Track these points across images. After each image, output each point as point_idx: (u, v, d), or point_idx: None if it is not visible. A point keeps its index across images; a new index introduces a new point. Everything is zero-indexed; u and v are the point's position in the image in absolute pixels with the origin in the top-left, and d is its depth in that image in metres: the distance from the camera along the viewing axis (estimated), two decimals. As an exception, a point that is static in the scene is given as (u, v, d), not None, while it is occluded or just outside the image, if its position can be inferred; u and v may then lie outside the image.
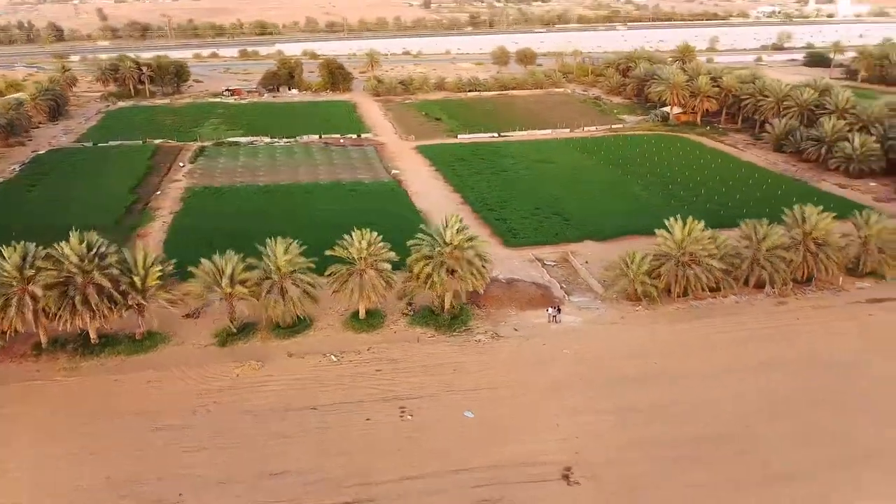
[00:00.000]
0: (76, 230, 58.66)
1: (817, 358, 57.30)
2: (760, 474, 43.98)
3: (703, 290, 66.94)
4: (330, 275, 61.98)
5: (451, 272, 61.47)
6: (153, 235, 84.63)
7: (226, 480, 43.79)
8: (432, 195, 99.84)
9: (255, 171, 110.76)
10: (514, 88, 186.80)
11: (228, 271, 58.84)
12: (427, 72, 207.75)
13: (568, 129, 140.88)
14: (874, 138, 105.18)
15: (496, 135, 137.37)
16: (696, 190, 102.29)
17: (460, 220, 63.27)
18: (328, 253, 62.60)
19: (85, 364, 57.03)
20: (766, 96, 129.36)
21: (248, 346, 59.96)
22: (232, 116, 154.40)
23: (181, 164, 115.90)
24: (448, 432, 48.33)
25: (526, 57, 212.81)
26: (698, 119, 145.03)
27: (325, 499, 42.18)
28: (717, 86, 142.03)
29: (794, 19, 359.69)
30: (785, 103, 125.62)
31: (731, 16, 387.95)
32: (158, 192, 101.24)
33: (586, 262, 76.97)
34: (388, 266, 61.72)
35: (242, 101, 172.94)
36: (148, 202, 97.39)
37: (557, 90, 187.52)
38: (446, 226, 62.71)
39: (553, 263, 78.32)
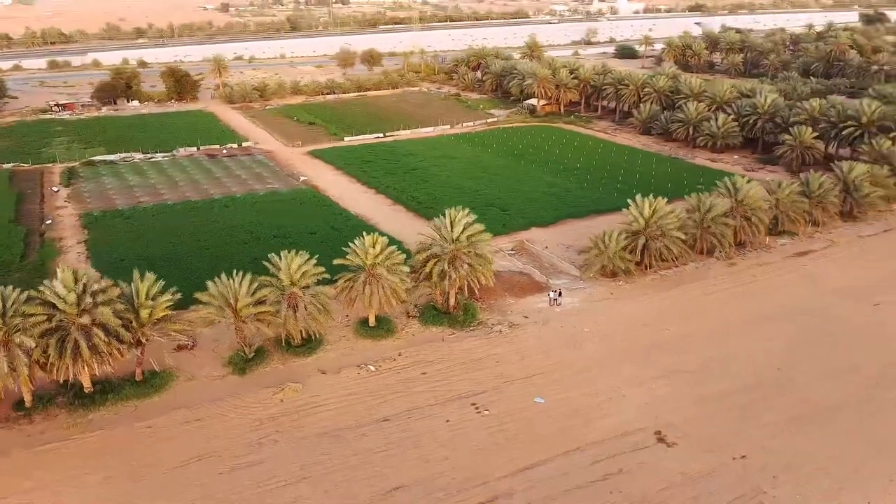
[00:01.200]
0: (63, 266, 51.00)
1: (792, 306, 65.66)
2: (812, 408, 50.15)
3: (673, 260, 73.45)
4: (348, 282, 59.56)
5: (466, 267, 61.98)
6: (75, 268, 74.83)
7: (328, 499, 41.32)
8: (359, 199, 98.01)
9: (154, 190, 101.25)
10: (370, 89, 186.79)
11: (244, 291, 54.44)
12: (270, 76, 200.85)
13: (449, 126, 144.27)
14: (732, 117, 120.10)
15: (382, 135, 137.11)
16: (598, 173, 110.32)
17: (467, 215, 63.61)
18: (337, 262, 60.29)
19: (93, 417, 50.02)
20: (627, 85, 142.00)
21: (269, 370, 56.00)
22: (78, 133, 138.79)
23: (54, 189, 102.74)
24: (532, 420, 49.23)
25: (372, 58, 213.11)
26: (561, 109, 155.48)
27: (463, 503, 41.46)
28: (576, 77, 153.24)
29: (592, 17, 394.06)
30: (644, 90, 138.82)
31: (529, 14, 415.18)
32: (49, 222, 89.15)
33: (546, 248, 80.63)
34: (406, 269, 60.72)
35: (80, 116, 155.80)
36: (42, 234, 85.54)
37: (413, 89, 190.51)
38: (453, 222, 62.86)
39: (512, 252, 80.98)
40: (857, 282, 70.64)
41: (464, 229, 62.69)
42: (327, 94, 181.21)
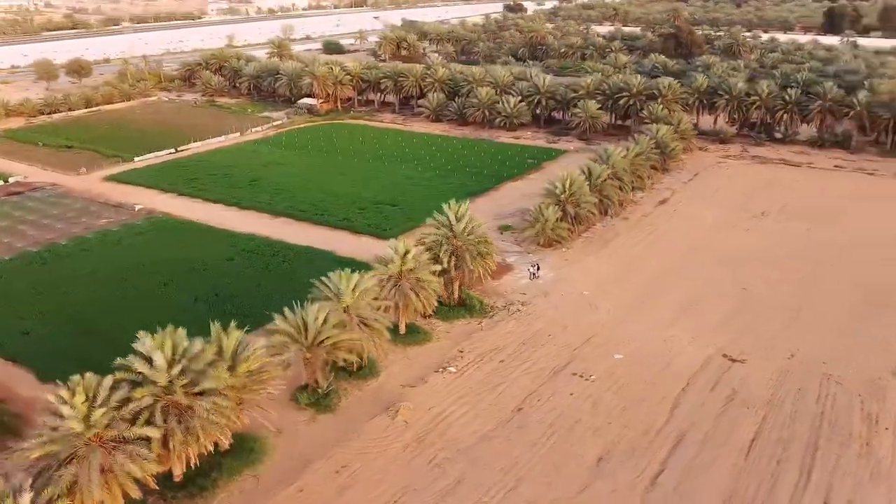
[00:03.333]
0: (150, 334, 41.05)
1: (696, 242, 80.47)
2: (790, 310, 64.19)
3: (597, 223, 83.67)
4: (392, 290, 57.25)
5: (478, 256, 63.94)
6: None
7: (557, 490, 42.64)
8: (231, 218, 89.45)
9: (-38, 246, 79.65)
10: (101, 103, 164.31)
11: (322, 319, 49.60)
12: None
13: (238, 133, 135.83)
14: (519, 98, 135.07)
15: (174, 150, 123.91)
16: (436, 161, 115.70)
17: (467, 207, 65.06)
18: (372, 274, 57.52)
19: (218, 502, 42.00)
20: (406, 76, 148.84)
21: (351, 400, 52.17)
22: None
23: None
24: (631, 374, 54.50)
25: (81, 68, 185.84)
26: (339, 106, 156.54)
27: (663, 450, 45.60)
28: (348, 74, 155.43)
29: (276, 15, 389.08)
30: (426, 80, 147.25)
31: (199, 16, 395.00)
32: None
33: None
34: (438, 267, 60.50)
35: None
36: None
37: (150, 99, 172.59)
38: (458, 216, 63.98)
39: None
40: (716, 215, 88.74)
41: (468, 222, 64.37)
42: (51, 112, 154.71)
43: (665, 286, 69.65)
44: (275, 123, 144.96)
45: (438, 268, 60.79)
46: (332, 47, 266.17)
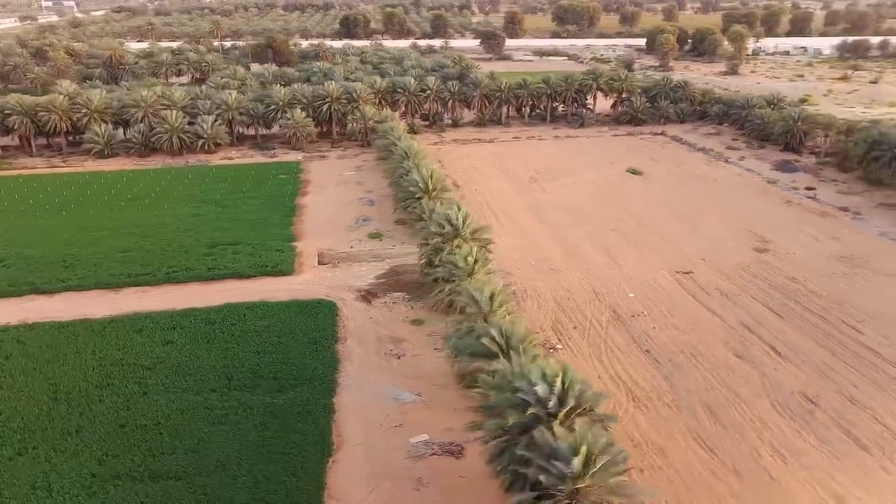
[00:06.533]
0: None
1: (528, 203, 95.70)
2: (651, 230, 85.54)
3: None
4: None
5: (484, 254, 67.36)
6: None
7: (752, 379, 55.07)
8: (68, 305, 67.70)
9: None
10: None
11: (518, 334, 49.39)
12: None
13: None
14: (213, 117, 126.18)
15: None
16: (195, 195, 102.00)
17: (466, 210, 66.70)
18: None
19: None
20: (49, 110, 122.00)
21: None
22: None
23: None
24: (657, 302, 67.32)
25: None
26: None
27: (752, 336, 60.86)
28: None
29: None
30: (81, 112, 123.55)
31: None
32: None
33: (351, 246, 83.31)
34: (492, 265, 62.13)
35: None
36: None
37: None
38: (463, 223, 65.68)
39: (326, 263, 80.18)
40: (508, 186, 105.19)
41: (470, 222, 66.94)
42: None
43: (571, 242, 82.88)
44: None
45: (492, 265, 62.65)
46: None
